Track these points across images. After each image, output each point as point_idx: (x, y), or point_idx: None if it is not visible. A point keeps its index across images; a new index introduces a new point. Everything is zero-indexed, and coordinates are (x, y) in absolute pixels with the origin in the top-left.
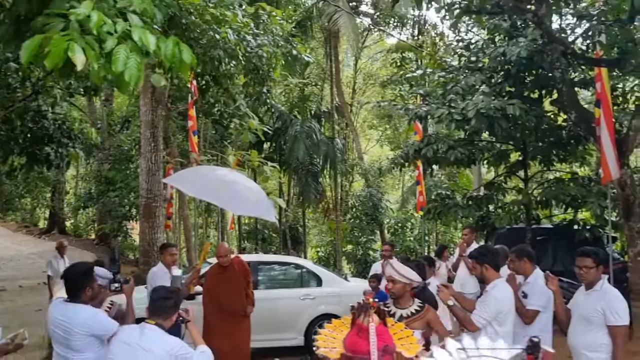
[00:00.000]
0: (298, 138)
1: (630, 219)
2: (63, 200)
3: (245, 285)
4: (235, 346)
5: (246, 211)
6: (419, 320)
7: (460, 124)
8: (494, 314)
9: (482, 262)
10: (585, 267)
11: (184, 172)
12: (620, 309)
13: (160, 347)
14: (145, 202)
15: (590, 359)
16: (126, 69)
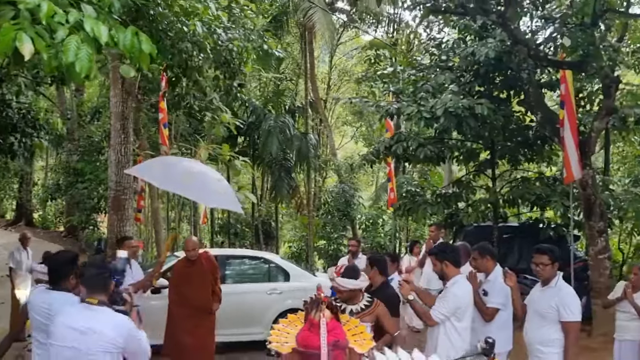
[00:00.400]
0: (271, 133)
1: (591, 219)
2: (31, 191)
3: (213, 282)
4: (199, 342)
5: (213, 203)
6: (369, 315)
7: (429, 122)
8: (452, 309)
9: (442, 259)
10: (541, 264)
11: (149, 162)
12: (573, 306)
13: (111, 328)
14: (114, 195)
15: (544, 353)
16: (77, 60)
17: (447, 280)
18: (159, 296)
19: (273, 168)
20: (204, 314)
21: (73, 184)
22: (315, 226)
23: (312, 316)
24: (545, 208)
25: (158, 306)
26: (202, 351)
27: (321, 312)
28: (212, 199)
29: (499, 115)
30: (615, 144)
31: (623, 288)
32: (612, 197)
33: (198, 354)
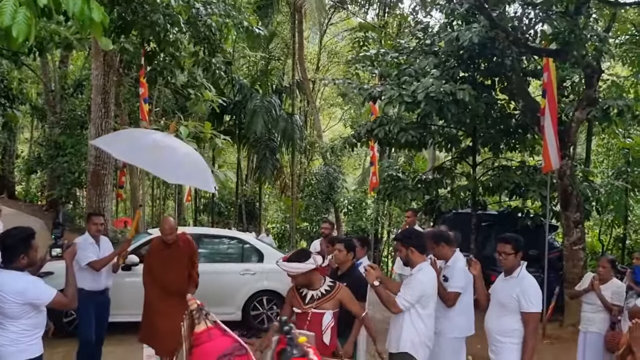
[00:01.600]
0: (257, 112)
1: (567, 209)
2: (13, 164)
3: (190, 265)
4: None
5: (180, 179)
6: (330, 300)
7: (410, 106)
8: (417, 296)
9: (407, 245)
10: (504, 252)
11: (115, 134)
12: (534, 297)
13: (8, 288)
14: (94, 170)
15: (503, 343)
16: (14, 24)
17: (412, 267)
18: (130, 273)
19: (258, 148)
20: (179, 297)
21: (54, 157)
22: (298, 208)
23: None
24: (523, 197)
25: (130, 283)
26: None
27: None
28: (177, 174)
29: (481, 102)
30: (600, 136)
31: (590, 280)
32: (590, 189)
33: (171, 338)
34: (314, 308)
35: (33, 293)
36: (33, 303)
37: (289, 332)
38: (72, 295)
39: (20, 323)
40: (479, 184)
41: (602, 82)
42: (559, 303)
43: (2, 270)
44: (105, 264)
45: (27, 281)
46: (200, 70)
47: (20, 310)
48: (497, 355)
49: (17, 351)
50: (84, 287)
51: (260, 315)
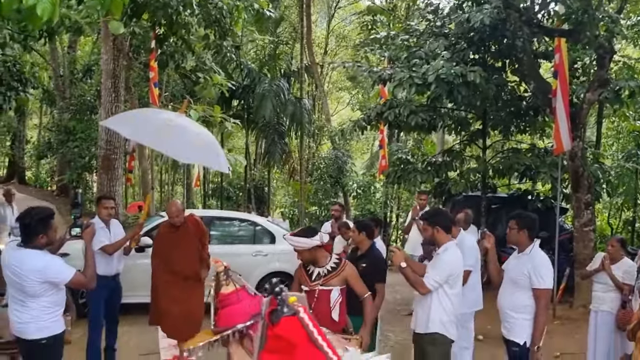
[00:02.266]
0: (266, 96)
1: (578, 191)
2: (23, 149)
3: (200, 247)
4: (186, 312)
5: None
6: (336, 277)
7: (420, 88)
8: (445, 276)
9: (433, 224)
10: (510, 227)
11: (125, 114)
12: (545, 273)
13: (28, 266)
14: (104, 154)
15: (514, 318)
16: (38, 2)
17: (438, 247)
18: (144, 255)
19: (267, 132)
20: (190, 282)
21: (64, 142)
22: (307, 192)
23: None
24: (535, 180)
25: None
26: (190, 320)
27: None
28: (189, 154)
29: (491, 84)
30: (610, 118)
31: (601, 259)
32: (601, 171)
33: (185, 324)
34: (320, 285)
35: (52, 271)
36: (52, 281)
37: (279, 294)
38: (90, 275)
39: (41, 301)
40: (489, 167)
41: (613, 63)
42: (569, 284)
43: (22, 249)
44: (118, 247)
45: (46, 260)
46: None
47: (40, 289)
48: (509, 332)
49: (39, 328)
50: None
51: None
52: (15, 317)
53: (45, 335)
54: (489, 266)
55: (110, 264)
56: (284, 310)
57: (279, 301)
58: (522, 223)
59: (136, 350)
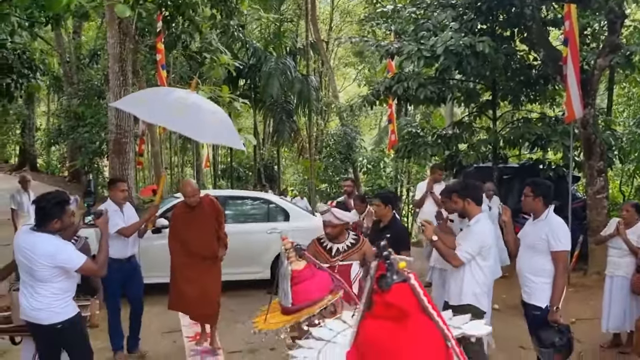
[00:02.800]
0: (272, 75)
1: (590, 158)
2: (34, 136)
3: (217, 227)
4: (204, 292)
5: (209, 138)
6: (357, 252)
7: (429, 61)
8: (478, 248)
9: (464, 197)
10: (524, 194)
11: (134, 94)
12: (562, 236)
13: (40, 250)
14: (115, 138)
15: (533, 281)
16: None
17: (469, 219)
18: (160, 235)
19: (274, 111)
20: (208, 262)
21: (74, 128)
22: (317, 169)
23: (293, 267)
24: (546, 149)
25: (161, 246)
26: (208, 301)
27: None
28: (206, 133)
29: (500, 54)
30: (620, 85)
31: (615, 225)
32: (613, 137)
33: (203, 305)
34: (340, 260)
35: (63, 257)
36: (62, 267)
37: (388, 258)
38: (102, 262)
39: (50, 287)
40: (499, 137)
41: (624, 28)
42: (582, 252)
43: (35, 233)
44: (135, 230)
45: (57, 244)
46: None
47: (50, 274)
48: (530, 296)
49: (51, 315)
50: (111, 255)
51: None
52: (25, 302)
53: (60, 319)
54: (507, 237)
55: (125, 246)
56: (394, 278)
57: (387, 266)
58: (537, 190)
59: (159, 329)
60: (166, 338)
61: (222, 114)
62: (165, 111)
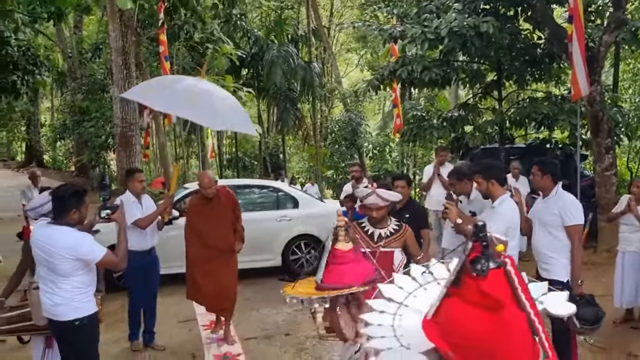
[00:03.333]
0: (275, 63)
1: (598, 135)
2: (39, 132)
3: (234, 219)
4: (221, 286)
5: (221, 124)
6: (399, 239)
7: (433, 43)
8: (504, 228)
9: (488, 178)
10: (533, 174)
11: (145, 84)
12: (574, 210)
13: (60, 244)
14: (121, 131)
15: (554, 259)
16: None
17: (492, 200)
18: (171, 227)
19: (278, 99)
20: (225, 255)
21: (80, 123)
22: (322, 156)
23: (337, 247)
24: (553, 128)
25: (172, 237)
26: (224, 296)
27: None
28: (218, 120)
29: (505, 34)
30: (626, 61)
31: (627, 201)
32: (620, 114)
33: (220, 299)
34: (382, 247)
35: (84, 249)
36: (83, 259)
37: (484, 239)
38: (122, 255)
39: (72, 281)
40: (505, 118)
41: (629, 3)
42: (592, 229)
43: (52, 226)
44: (151, 221)
45: (77, 237)
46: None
47: (72, 267)
48: (550, 272)
49: (71, 310)
50: (131, 247)
51: (299, 259)
52: (46, 298)
53: (79, 316)
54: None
55: (145, 238)
56: (490, 264)
57: (483, 249)
58: (545, 168)
59: (174, 317)
60: (182, 327)
61: (232, 100)
62: (175, 99)
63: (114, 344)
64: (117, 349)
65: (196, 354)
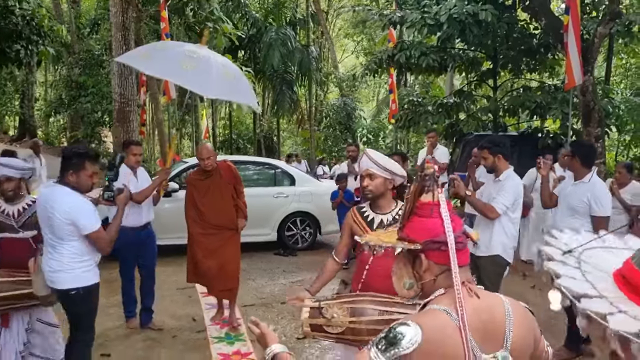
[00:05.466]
0: (273, 45)
1: (588, 125)
2: (33, 107)
3: (236, 195)
4: (223, 266)
5: (219, 93)
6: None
7: (432, 29)
8: (512, 200)
9: (495, 152)
10: (563, 155)
11: (142, 48)
12: (605, 201)
13: (58, 203)
14: (119, 107)
15: None
16: None
17: (498, 174)
18: (170, 199)
19: (274, 82)
20: (227, 233)
21: (76, 98)
22: (316, 140)
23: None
24: (545, 117)
25: (170, 209)
26: (227, 276)
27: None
28: (213, 88)
29: (502, 22)
30: (618, 56)
31: (609, 185)
32: (611, 105)
33: (223, 279)
34: None
35: (79, 214)
36: (76, 224)
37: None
38: (111, 237)
39: (69, 246)
40: (500, 106)
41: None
42: None
43: (55, 185)
44: (146, 196)
45: (76, 201)
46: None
47: (67, 231)
48: None
49: (69, 278)
50: (125, 224)
51: (294, 235)
52: (47, 265)
53: (76, 285)
54: (543, 191)
55: (140, 213)
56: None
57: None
58: (577, 150)
59: (174, 285)
60: (181, 293)
61: (233, 68)
62: (172, 65)
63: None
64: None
65: (196, 318)
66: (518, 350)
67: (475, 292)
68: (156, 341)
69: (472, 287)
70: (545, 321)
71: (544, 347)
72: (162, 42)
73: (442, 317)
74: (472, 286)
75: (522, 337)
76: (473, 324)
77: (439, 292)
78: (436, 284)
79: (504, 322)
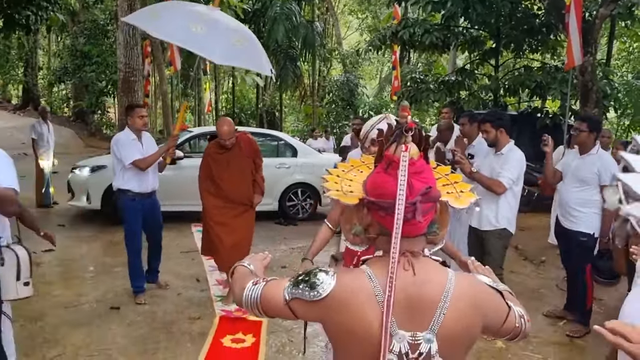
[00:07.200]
0: (277, 20)
1: (586, 105)
2: (37, 75)
3: (254, 169)
4: (237, 241)
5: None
6: None
7: (436, 6)
8: (517, 174)
9: (497, 126)
10: (578, 129)
11: (148, 8)
12: (614, 170)
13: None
14: (124, 76)
15: (583, 213)
16: None
17: (499, 147)
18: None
19: (278, 56)
20: (242, 208)
21: (81, 67)
22: (318, 116)
23: (391, 152)
24: (545, 97)
25: (175, 176)
26: (239, 251)
27: (405, 144)
28: (224, 53)
29: (506, 1)
30: (621, 39)
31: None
32: (610, 86)
33: (235, 255)
34: None
35: None
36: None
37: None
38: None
39: None
40: (500, 84)
41: None
42: None
43: None
44: (151, 162)
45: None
46: None
47: None
48: (576, 224)
49: None
50: (131, 188)
51: (295, 206)
52: None
53: None
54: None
55: (145, 180)
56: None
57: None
58: (591, 126)
59: (177, 248)
60: (185, 256)
61: (246, 32)
62: (181, 27)
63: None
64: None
65: (200, 279)
66: (449, 335)
67: (412, 266)
68: (162, 297)
69: (412, 261)
70: (534, 290)
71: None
72: (173, 2)
73: (361, 280)
74: (412, 260)
75: (458, 323)
76: (394, 296)
77: (378, 252)
78: (377, 243)
79: (436, 303)
